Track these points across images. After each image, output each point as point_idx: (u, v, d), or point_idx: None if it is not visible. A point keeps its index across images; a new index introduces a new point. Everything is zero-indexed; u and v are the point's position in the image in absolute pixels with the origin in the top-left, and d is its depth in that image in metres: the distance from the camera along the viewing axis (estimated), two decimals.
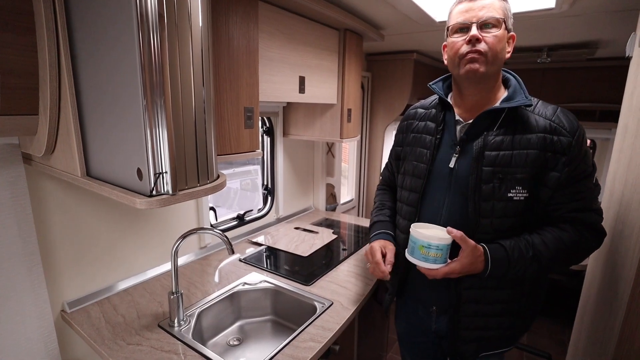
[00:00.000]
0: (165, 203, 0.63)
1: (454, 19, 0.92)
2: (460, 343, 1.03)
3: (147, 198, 0.62)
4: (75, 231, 1.16)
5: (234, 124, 1.13)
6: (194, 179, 0.70)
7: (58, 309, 1.15)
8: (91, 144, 0.76)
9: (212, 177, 0.75)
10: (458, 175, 0.96)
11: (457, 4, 0.93)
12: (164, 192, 0.64)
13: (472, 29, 0.88)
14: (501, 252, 0.90)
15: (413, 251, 0.93)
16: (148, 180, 0.62)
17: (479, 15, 0.88)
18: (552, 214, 0.92)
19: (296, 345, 1.00)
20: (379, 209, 1.20)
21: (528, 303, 1.00)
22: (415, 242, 0.92)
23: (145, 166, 0.62)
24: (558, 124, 0.88)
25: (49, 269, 1.11)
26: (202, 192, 0.70)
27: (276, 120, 1.89)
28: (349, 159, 2.87)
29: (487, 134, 0.92)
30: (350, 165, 2.83)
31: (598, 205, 0.93)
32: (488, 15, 0.87)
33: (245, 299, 1.33)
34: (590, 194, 0.90)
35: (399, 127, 1.18)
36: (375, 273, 1.04)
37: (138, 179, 0.63)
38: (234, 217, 1.82)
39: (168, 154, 0.62)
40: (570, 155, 0.86)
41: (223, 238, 1.05)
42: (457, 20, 0.91)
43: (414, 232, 0.92)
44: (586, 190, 0.89)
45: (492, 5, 0.88)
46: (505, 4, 0.91)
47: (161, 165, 0.62)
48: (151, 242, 1.39)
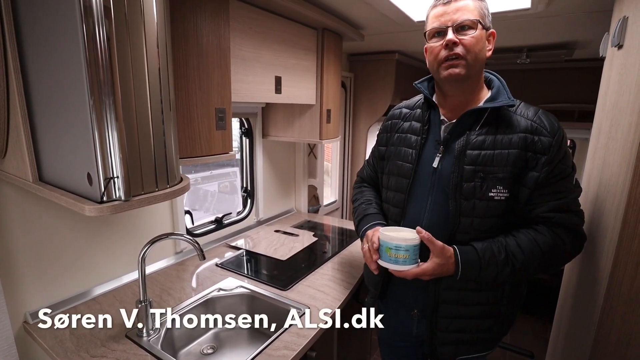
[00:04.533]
0: (117, 210, 0.59)
1: (430, 24, 0.92)
2: (438, 345, 1.01)
3: (98, 205, 0.58)
4: (38, 238, 1.10)
5: (204, 125, 1.09)
6: (151, 184, 0.66)
7: (20, 321, 1.09)
8: (43, 148, 0.72)
9: (174, 181, 0.72)
10: (441, 174, 0.95)
11: (432, 8, 0.93)
12: (116, 198, 0.60)
13: (449, 33, 0.87)
14: (472, 254, 0.89)
15: (382, 255, 0.92)
16: (98, 185, 0.58)
17: (454, 19, 0.87)
18: (530, 215, 0.90)
19: (269, 354, 0.97)
20: (367, 203, 1.16)
21: (508, 307, 0.99)
22: (383, 245, 0.91)
23: (94, 170, 0.58)
24: (539, 125, 0.87)
25: (8, 277, 1.04)
26: (161, 197, 0.66)
27: (255, 121, 1.86)
28: (332, 158, 2.85)
29: (469, 133, 0.91)
30: (333, 167, 2.80)
31: (578, 207, 0.92)
32: (463, 17, 0.86)
33: (221, 305, 1.29)
34: (569, 195, 0.90)
35: (382, 127, 1.16)
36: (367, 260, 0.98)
37: (88, 184, 0.59)
38: (212, 220, 1.77)
39: (119, 158, 0.58)
40: (550, 155, 0.85)
41: (193, 244, 1.01)
42: (433, 25, 0.90)
43: (382, 236, 0.91)
44: (565, 191, 0.89)
45: (467, 7, 0.87)
46: (481, 3, 0.90)
47: (112, 169, 0.58)
48: (123, 248, 1.33)
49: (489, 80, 0.98)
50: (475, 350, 1.03)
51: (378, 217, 1.10)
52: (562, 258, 0.93)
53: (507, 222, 0.91)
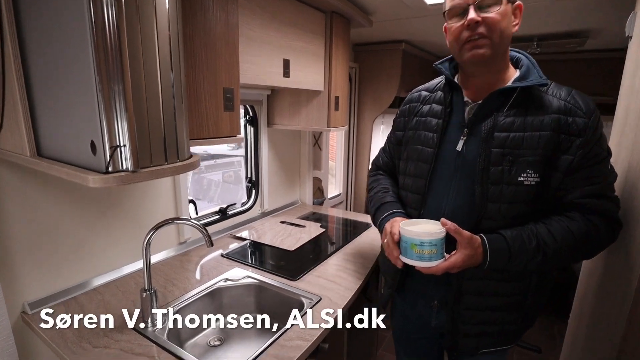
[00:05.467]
0: (123, 181, 0.54)
1: (449, 2, 0.86)
2: (460, 338, 0.96)
3: (103, 175, 0.53)
4: (36, 224, 1.04)
5: (212, 105, 1.03)
6: (160, 157, 0.61)
7: (18, 311, 1.04)
8: (41, 120, 0.66)
9: (183, 156, 0.66)
10: (466, 158, 0.90)
11: None
12: (122, 169, 0.55)
13: (470, 12, 0.81)
14: (501, 242, 0.84)
15: (406, 252, 0.85)
16: (103, 154, 0.53)
17: None
18: (562, 201, 0.85)
19: (282, 344, 0.92)
20: (384, 192, 1.10)
21: (534, 298, 0.94)
22: (406, 241, 0.85)
23: (99, 138, 0.52)
24: (573, 105, 0.82)
25: (6, 266, 0.99)
26: (171, 171, 0.61)
27: (260, 109, 1.80)
28: (336, 154, 2.79)
29: (497, 115, 0.86)
30: (338, 159, 2.75)
31: (613, 193, 0.86)
32: None
33: (227, 295, 1.24)
34: (605, 180, 0.84)
35: (399, 111, 1.11)
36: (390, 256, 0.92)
37: (92, 153, 0.54)
38: (216, 210, 1.72)
39: (126, 125, 0.53)
40: (585, 137, 0.80)
41: (200, 229, 0.96)
42: (453, 3, 0.84)
43: (404, 231, 0.85)
44: (600, 176, 0.83)
45: None
46: None
47: (119, 137, 0.53)
48: (124, 237, 1.28)
49: (516, 59, 0.93)
50: (498, 343, 0.99)
51: (395, 205, 1.05)
52: (595, 246, 0.88)
53: (536, 208, 0.86)
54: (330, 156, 2.69)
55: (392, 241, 0.89)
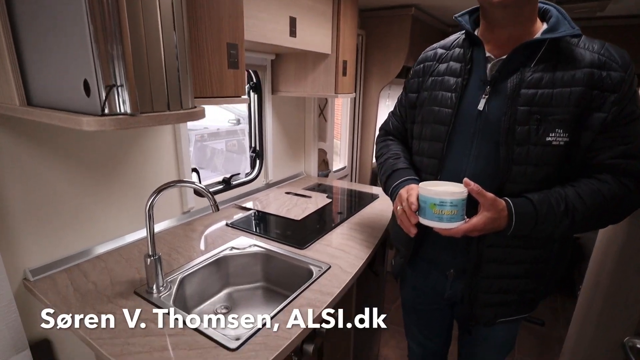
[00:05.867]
0: (121, 124, 0.48)
1: None
2: (478, 307, 0.93)
3: (98, 117, 0.48)
4: (34, 191, 1.00)
5: (215, 62, 0.96)
6: (162, 103, 0.55)
7: (19, 277, 1.01)
8: (30, 65, 0.60)
9: (187, 106, 0.61)
10: (488, 118, 0.84)
11: None
12: (120, 112, 0.49)
13: None
14: (527, 206, 0.79)
15: (425, 212, 0.81)
16: (98, 94, 0.47)
17: None
18: (592, 161, 0.80)
19: (292, 311, 0.89)
20: (395, 158, 1.05)
21: (555, 266, 0.90)
22: (425, 201, 0.80)
23: (92, 76, 0.47)
24: (608, 57, 0.75)
25: (4, 232, 0.96)
26: (174, 118, 0.55)
27: (264, 75, 1.72)
28: (341, 132, 2.71)
29: (523, 70, 0.79)
30: (343, 131, 2.68)
31: None
32: None
33: (234, 264, 1.21)
34: (638, 140, 0.78)
35: (412, 72, 1.04)
36: (404, 223, 0.88)
37: (85, 94, 0.49)
38: (220, 181, 1.68)
39: (123, 61, 0.47)
40: (620, 93, 0.74)
41: (206, 192, 0.91)
42: None
43: (423, 191, 0.81)
44: (634, 135, 0.77)
45: None
46: None
47: (114, 75, 0.47)
48: (126, 204, 1.24)
49: (543, 10, 0.85)
50: (516, 312, 0.96)
51: (409, 172, 1.00)
52: (625, 210, 0.82)
53: (564, 171, 0.81)
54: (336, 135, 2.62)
55: (408, 209, 0.85)
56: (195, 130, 2.48)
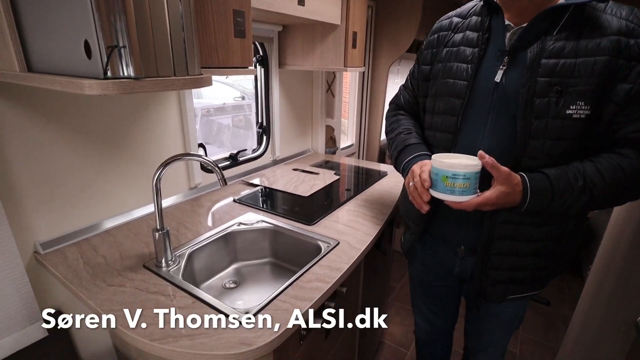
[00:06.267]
0: (125, 88, 0.46)
1: None
2: (488, 284, 0.92)
3: (101, 81, 0.45)
4: (40, 163, 0.99)
5: (221, 30, 0.92)
6: (167, 68, 0.52)
7: (30, 251, 1.02)
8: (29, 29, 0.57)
9: (193, 72, 0.58)
10: (505, 90, 0.80)
11: None
12: (124, 76, 0.47)
13: None
14: (543, 181, 0.76)
15: (436, 184, 0.79)
16: (99, 56, 0.44)
17: None
18: (614, 135, 0.76)
19: (301, 286, 0.89)
20: (407, 133, 1.01)
21: (568, 243, 0.88)
22: (437, 173, 0.78)
23: (93, 36, 0.44)
24: (637, 24, 0.70)
25: (13, 206, 0.95)
26: (180, 83, 0.53)
27: (271, 47, 1.67)
28: (348, 111, 2.65)
29: (545, 39, 0.75)
30: (351, 107, 2.62)
31: None
32: None
33: (241, 239, 1.20)
34: None
35: (426, 43, 0.99)
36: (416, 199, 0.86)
37: (87, 57, 0.46)
38: (226, 157, 1.66)
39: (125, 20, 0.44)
40: None
41: (213, 166, 0.89)
42: None
43: (436, 163, 0.78)
44: None
45: None
46: None
47: (116, 35, 0.44)
48: (132, 178, 1.23)
49: None
50: (526, 290, 0.94)
51: (421, 147, 0.97)
52: None
53: (583, 146, 0.77)
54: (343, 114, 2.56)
55: (420, 186, 0.82)
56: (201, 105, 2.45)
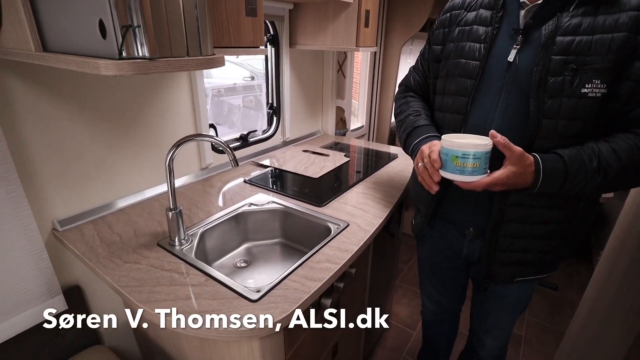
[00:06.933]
0: (140, 69, 0.46)
1: None
2: (495, 266, 0.92)
3: (116, 61, 0.45)
4: (57, 141, 1.00)
5: (232, 8, 0.91)
6: (181, 48, 0.52)
7: (49, 227, 1.05)
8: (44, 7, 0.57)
9: (206, 52, 0.57)
10: (518, 69, 0.78)
11: None
12: (139, 56, 0.47)
13: None
14: (557, 162, 0.75)
15: (446, 165, 0.78)
16: (114, 36, 0.44)
17: None
18: (631, 115, 0.73)
19: (311, 266, 0.90)
20: (416, 115, 1.00)
21: (579, 227, 0.87)
22: (447, 153, 0.77)
23: (107, 15, 0.44)
24: None
25: (30, 181, 0.97)
26: (194, 64, 0.53)
27: (281, 26, 1.64)
28: (359, 90, 2.61)
29: (561, 16, 0.73)
30: (362, 88, 2.59)
31: None
32: None
33: (252, 220, 1.22)
34: None
35: (438, 22, 0.97)
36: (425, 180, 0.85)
37: (101, 37, 0.46)
38: (237, 137, 1.66)
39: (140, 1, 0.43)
40: None
41: (225, 147, 0.90)
42: None
43: (445, 143, 0.77)
44: None
45: None
46: None
47: (131, 15, 0.44)
48: (144, 158, 1.24)
49: None
50: (534, 272, 0.94)
51: (430, 129, 0.95)
52: None
53: (597, 126, 0.76)
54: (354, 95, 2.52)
55: (431, 166, 0.82)
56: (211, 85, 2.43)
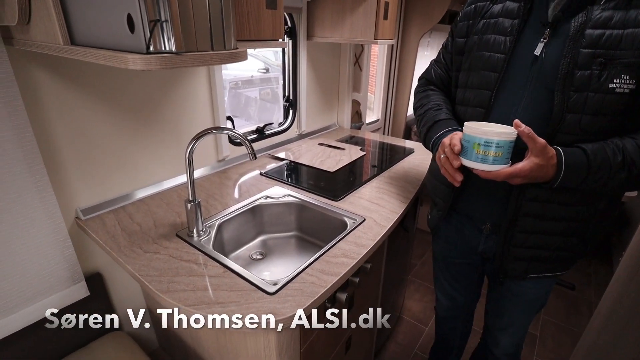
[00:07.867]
0: (167, 63, 0.46)
1: None
2: (509, 261, 0.91)
3: (144, 55, 0.46)
4: (81, 132, 1.03)
5: (253, 0, 0.90)
6: (205, 42, 0.52)
7: (72, 216, 1.08)
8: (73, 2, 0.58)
9: (230, 46, 0.57)
10: (544, 63, 0.76)
11: None
12: (165, 51, 0.47)
13: None
14: (579, 156, 0.73)
15: (467, 152, 0.76)
16: (142, 31, 0.44)
17: None
18: None
19: (327, 261, 0.91)
20: (437, 109, 0.98)
21: (597, 225, 0.85)
22: (469, 140, 0.75)
23: (136, 11, 0.44)
24: None
25: (57, 170, 1.00)
26: (219, 58, 0.53)
27: (299, 18, 1.62)
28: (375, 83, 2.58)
29: (591, 8, 0.71)
30: (378, 81, 2.56)
31: None
32: None
33: (268, 213, 1.23)
34: None
35: (462, 14, 0.95)
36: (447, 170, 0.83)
37: (129, 31, 0.46)
38: (253, 130, 1.67)
39: None
40: None
41: (243, 140, 0.90)
42: None
43: (468, 129, 0.75)
44: None
45: None
46: None
47: (159, 10, 0.44)
48: (164, 151, 1.26)
49: None
50: (548, 269, 0.93)
51: (451, 122, 0.94)
52: None
53: (621, 123, 0.73)
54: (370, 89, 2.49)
55: (450, 152, 0.79)
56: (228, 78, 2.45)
